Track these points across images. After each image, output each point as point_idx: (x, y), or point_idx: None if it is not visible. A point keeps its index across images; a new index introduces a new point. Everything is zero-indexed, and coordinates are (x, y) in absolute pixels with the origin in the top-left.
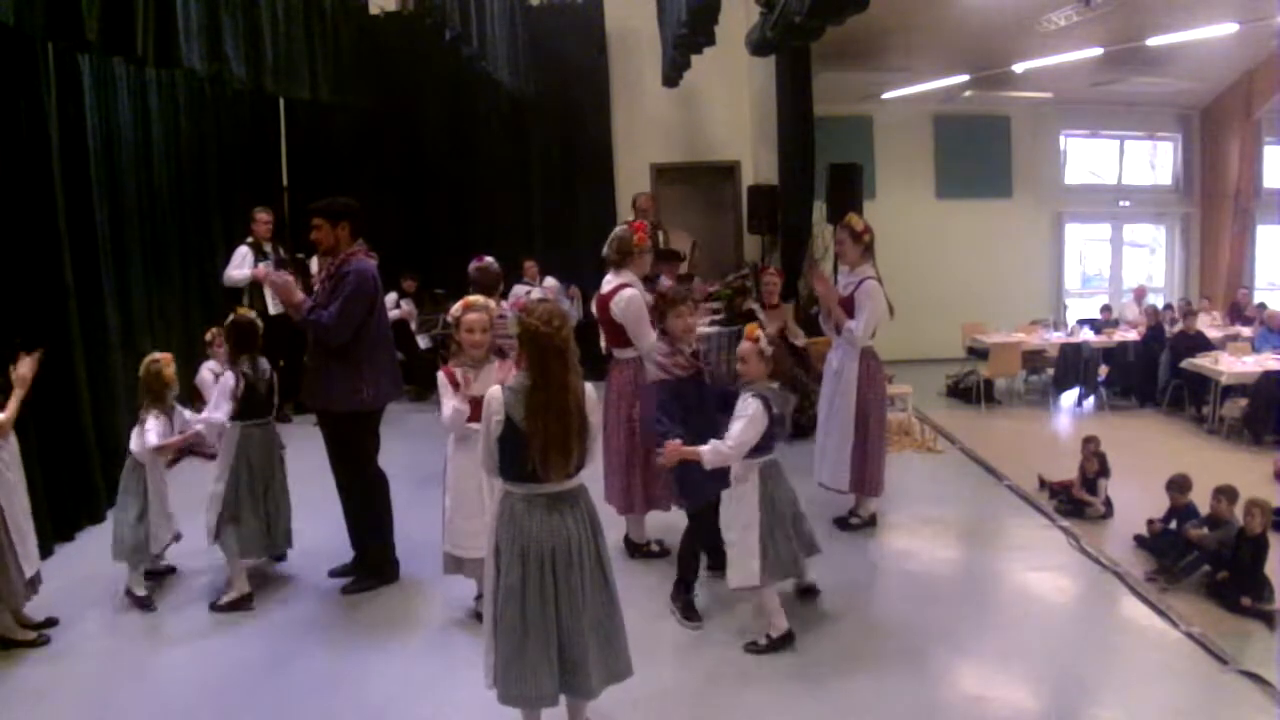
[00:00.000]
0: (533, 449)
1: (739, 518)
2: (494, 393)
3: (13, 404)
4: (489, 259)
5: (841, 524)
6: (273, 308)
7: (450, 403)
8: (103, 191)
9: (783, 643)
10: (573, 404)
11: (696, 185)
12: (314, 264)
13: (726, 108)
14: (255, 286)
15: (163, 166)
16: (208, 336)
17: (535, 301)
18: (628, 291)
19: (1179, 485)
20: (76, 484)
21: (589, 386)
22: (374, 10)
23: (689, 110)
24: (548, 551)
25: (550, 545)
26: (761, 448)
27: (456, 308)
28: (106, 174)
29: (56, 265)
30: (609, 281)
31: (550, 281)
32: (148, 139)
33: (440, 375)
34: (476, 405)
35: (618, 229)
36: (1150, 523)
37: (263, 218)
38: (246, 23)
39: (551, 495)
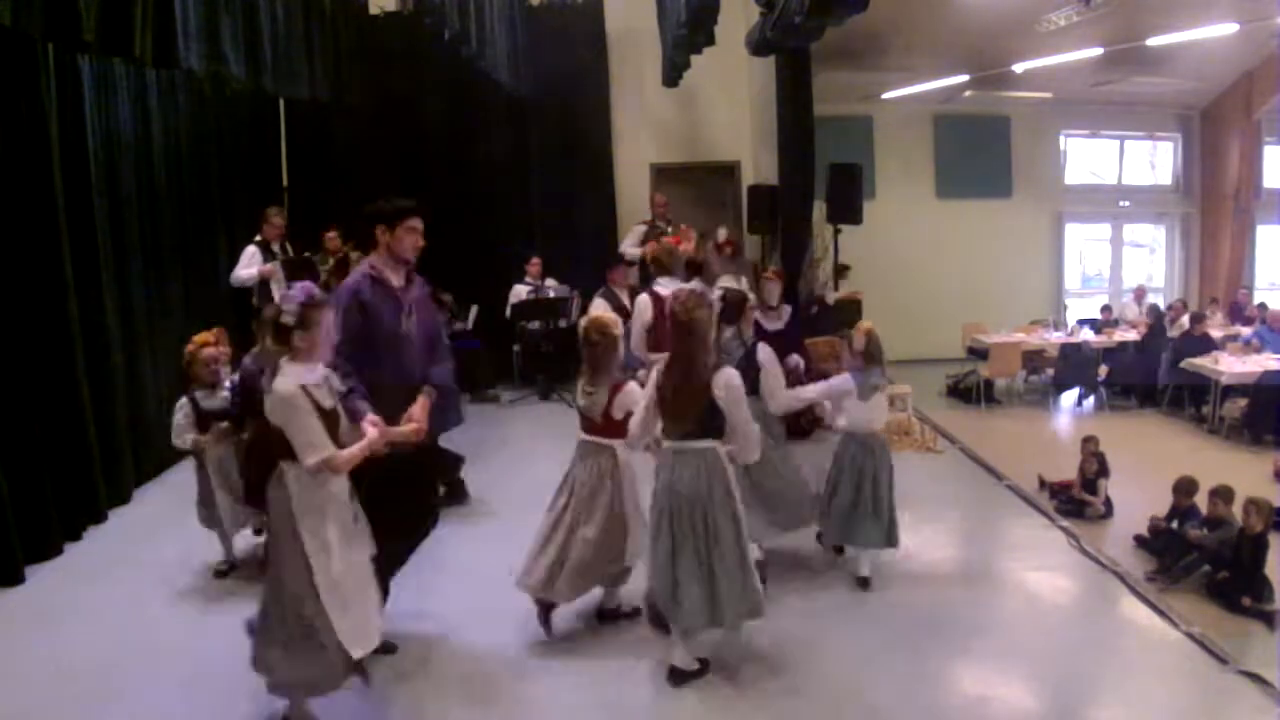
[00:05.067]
0: (662, 410)
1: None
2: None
3: (357, 448)
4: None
5: None
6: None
7: (639, 416)
8: (102, 191)
9: None
10: (695, 375)
11: (696, 185)
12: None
13: (726, 108)
14: (262, 285)
15: (162, 166)
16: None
17: (682, 289)
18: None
19: (1185, 488)
20: (77, 484)
21: (731, 370)
22: (374, 10)
23: (689, 110)
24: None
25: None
26: None
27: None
28: (106, 174)
29: (56, 265)
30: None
31: (551, 284)
32: (148, 139)
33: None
34: (616, 424)
35: (669, 243)
36: (1152, 518)
37: (276, 221)
38: (245, 23)
39: (678, 451)
